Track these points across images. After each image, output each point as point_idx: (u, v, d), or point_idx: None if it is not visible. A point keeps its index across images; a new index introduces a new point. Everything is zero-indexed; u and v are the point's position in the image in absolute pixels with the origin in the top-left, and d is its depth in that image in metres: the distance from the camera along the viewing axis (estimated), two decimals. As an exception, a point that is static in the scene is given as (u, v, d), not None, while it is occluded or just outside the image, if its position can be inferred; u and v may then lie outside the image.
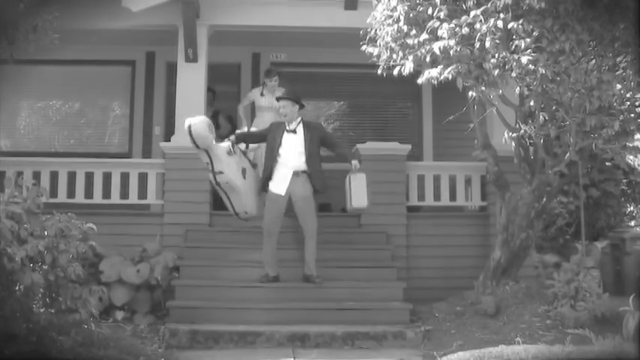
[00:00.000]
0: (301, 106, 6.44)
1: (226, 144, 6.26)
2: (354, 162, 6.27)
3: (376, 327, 5.78)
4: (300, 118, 6.42)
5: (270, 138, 6.39)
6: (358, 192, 6.19)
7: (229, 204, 6.42)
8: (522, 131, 5.95)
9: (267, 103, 7.69)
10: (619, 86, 5.46)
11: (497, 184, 6.79)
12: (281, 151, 6.29)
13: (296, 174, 6.25)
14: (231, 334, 5.57)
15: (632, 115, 5.76)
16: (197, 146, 6.00)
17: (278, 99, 6.48)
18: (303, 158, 6.27)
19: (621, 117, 5.56)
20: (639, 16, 4.99)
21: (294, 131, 6.34)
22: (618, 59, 5.40)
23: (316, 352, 5.44)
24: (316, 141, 6.34)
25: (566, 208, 8.14)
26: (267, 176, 6.33)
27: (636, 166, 9.41)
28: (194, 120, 6.03)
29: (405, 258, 7.18)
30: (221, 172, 6.14)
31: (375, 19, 5.88)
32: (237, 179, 6.27)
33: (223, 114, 8.79)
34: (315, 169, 6.30)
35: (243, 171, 6.44)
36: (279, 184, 6.26)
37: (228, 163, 6.20)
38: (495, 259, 6.51)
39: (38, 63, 8.17)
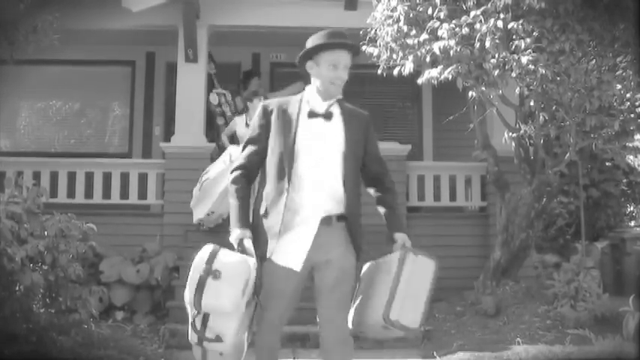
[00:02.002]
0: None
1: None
2: (402, 235, 3.32)
3: (376, 327, 5.77)
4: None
5: (277, 138, 3.04)
6: (412, 295, 2.90)
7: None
8: (522, 131, 5.95)
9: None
10: (619, 86, 5.47)
11: (497, 185, 6.79)
12: (299, 167, 2.96)
13: (326, 222, 3.00)
14: (231, 335, 5.55)
15: (632, 115, 5.77)
16: (197, 309, 2.76)
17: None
18: (341, 185, 3.03)
19: (621, 117, 5.57)
20: (639, 16, 4.99)
21: (326, 115, 3.10)
22: (618, 59, 5.40)
23: (316, 352, 5.38)
24: (361, 146, 3.13)
25: (566, 208, 8.14)
26: (271, 233, 2.96)
27: (636, 166, 9.43)
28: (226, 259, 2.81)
29: (405, 258, 7.15)
30: (220, 341, 2.80)
31: (375, 19, 5.87)
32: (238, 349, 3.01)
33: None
34: (355, 211, 3.18)
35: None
36: (292, 249, 2.94)
37: (234, 326, 2.82)
38: (495, 260, 6.51)
39: (38, 63, 8.15)
